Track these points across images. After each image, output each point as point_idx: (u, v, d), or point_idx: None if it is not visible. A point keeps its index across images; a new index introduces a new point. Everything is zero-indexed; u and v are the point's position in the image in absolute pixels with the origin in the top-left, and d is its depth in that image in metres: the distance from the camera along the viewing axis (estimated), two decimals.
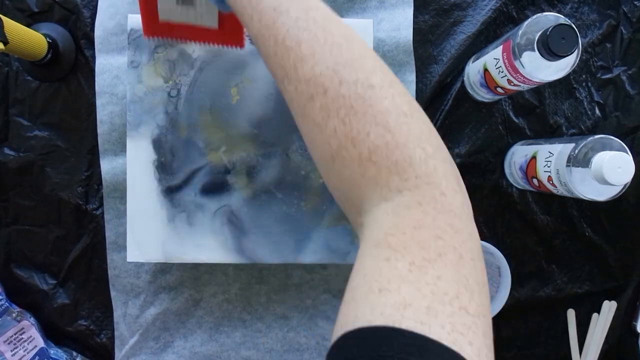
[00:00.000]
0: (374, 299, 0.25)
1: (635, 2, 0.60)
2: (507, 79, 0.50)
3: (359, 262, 0.28)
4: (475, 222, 0.64)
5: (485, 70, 0.54)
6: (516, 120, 0.61)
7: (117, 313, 0.60)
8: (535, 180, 0.54)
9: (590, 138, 0.47)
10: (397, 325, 0.23)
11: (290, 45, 0.33)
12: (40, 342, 0.58)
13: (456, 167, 0.32)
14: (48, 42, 0.58)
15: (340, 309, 0.27)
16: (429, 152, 0.30)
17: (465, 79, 0.60)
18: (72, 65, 0.60)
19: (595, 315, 0.61)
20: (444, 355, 0.23)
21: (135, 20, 0.53)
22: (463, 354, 0.23)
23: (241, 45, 0.51)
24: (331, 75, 0.31)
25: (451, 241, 0.27)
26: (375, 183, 0.30)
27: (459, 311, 0.25)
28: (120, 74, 0.58)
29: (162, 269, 0.60)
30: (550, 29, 0.43)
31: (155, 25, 0.49)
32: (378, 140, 0.30)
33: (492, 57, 0.52)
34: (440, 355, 0.22)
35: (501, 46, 0.50)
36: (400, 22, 0.58)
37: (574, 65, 0.47)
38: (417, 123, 0.31)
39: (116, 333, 0.60)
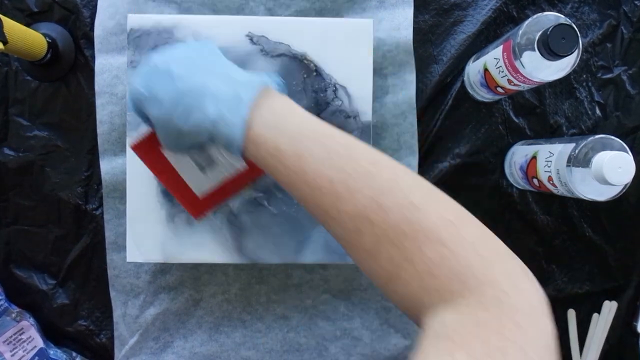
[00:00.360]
0: None
1: (636, 2, 0.60)
2: (508, 79, 0.50)
3: (420, 351, 0.28)
4: None
5: (486, 70, 0.54)
6: (516, 120, 0.61)
7: (117, 313, 0.60)
8: (535, 180, 0.54)
9: (591, 138, 0.47)
10: None
11: (323, 185, 0.33)
12: (39, 342, 0.58)
13: (518, 261, 0.32)
14: (47, 41, 0.58)
15: None
16: (486, 257, 0.30)
17: (465, 78, 0.60)
18: (72, 65, 0.60)
19: (595, 315, 0.61)
20: None
21: (134, 20, 0.52)
22: None
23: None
24: (373, 207, 0.32)
25: (514, 338, 0.28)
26: (437, 292, 0.30)
27: None
28: (120, 73, 0.58)
29: (162, 269, 0.59)
30: (550, 28, 0.43)
31: (200, 204, 0.49)
32: (434, 256, 0.30)
33: (493, 57, 0.52)
34: None
35: (501, 46, 0.50)
36: (400, 22, 0.58)
37: (574, 65, 0.47)
38: (467, 229, 0.31)
39: (116, 333, 0.60)
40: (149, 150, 0.47)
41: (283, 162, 0.35)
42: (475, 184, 0.61)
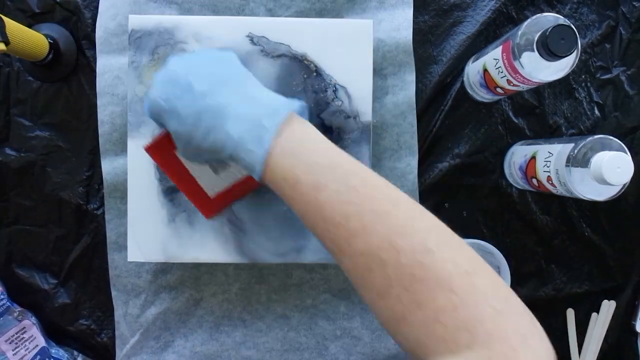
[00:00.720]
0: None
1: (634, 3, 0.61)
2: (507, 79, 0.51)
3: None
4: (475, 222, 0.65)
5: (485, 70, 0.54)
6: (516, 121, 0.61)
7: (118, 312, 0.60)
8: (534, 181, 0.54)
9: (590, 138, 0.47)
10: None
11: (339, 221, 0.33)
12: (41, 341, 0.59)
13: (529, 315, 0.31)
14: (49, 42, 0.58)
15: None
16: (498, 309, 0.30)
17: (464, 79, 0.60)
18: (74, 65, 0.60)
19: (594, 314, 0.62)
20: None
21: (135, 20, 0.53)
22: None
23: None
24: (387, 246, 0.31)
25: None
26: (444, 341, 0.30)
27: None
28: (121, 74, 0.58)
29: (163, 269, 0.60)
30: (549, 29, 0.43)
31: (211, 204, 0.49)
32: (445, 303, 0.30)
33: (492, 58, 0.52)
34: None
35: (501, 46, 0.50)
36: (400, 23, 0.58)
37: (573, 65, 0.47)
38: (482, 280, 0.31)
39: (117, 332, 0.60)
40: (163, 151, 0.47)
41: (299, 192, 0.35)
42: (475, 184, 0.61)
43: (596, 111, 0.61)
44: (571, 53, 0.44)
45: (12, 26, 0.51)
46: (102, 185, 0.59)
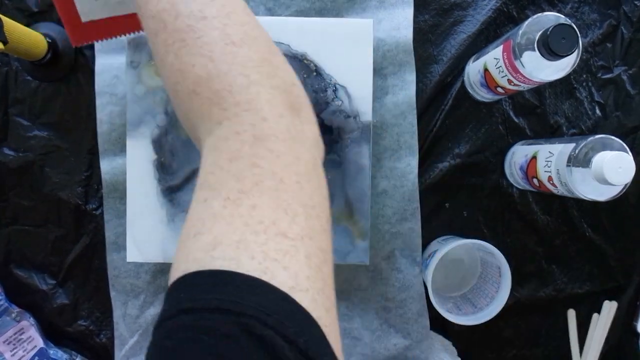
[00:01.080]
0: (190, 245, 0.25)
1: (636, 2, 0.60)
2: (508, 79, 0.50)
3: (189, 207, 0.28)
4: (476, 222, 0.64)
5: (486, 70, 0.54)
6: (516, 120, 0.61)
7: (117, 313, 0.60)
8: (535, 180, 0.54)
9: (591, 138, 0.47)
10: (207, 267, 0.23)
11: None
12: (39, 342, 0.58)
13: (299, 96, 0.31)
14: (48, 42, 0.57)
15: None
16: (252, 79, 0.29)
17: (465, 78, 0.60)
18: (72, 65, 0.60)
19: (595, 315, 0.61)
20: (246, 285, 0.22)
21: None
22: (274, 281, 0.23)
23: None
24: (170, 9, 0.30)
25: (270, 167, 0.27)
26: (201, 116, 0.29)
27: (274, 237, 0.24)
28: (120, 74, 0.58)
29: (162, 269, 0.59)
30: (550, 28, 0.43)
31: (81, 30, 0.46)
32: (201, 71, 0.29)
33: (493, 57, 0.52)
34: (239, 287, 0.22)
35: (501, 46, 0.50)
36: (400, 22, 0.58)
37: (574, 65, 0.47)
38: (246, 52, 0.30)
39: (116, 333, 0.60)
40: None
41: None
42: (475, 184, 0.61)
43: (597, 111, 0.61)
44: (572, 52, 0.44)
45: (11, 25, 0.51)
46: (101, 185, 0.59)
